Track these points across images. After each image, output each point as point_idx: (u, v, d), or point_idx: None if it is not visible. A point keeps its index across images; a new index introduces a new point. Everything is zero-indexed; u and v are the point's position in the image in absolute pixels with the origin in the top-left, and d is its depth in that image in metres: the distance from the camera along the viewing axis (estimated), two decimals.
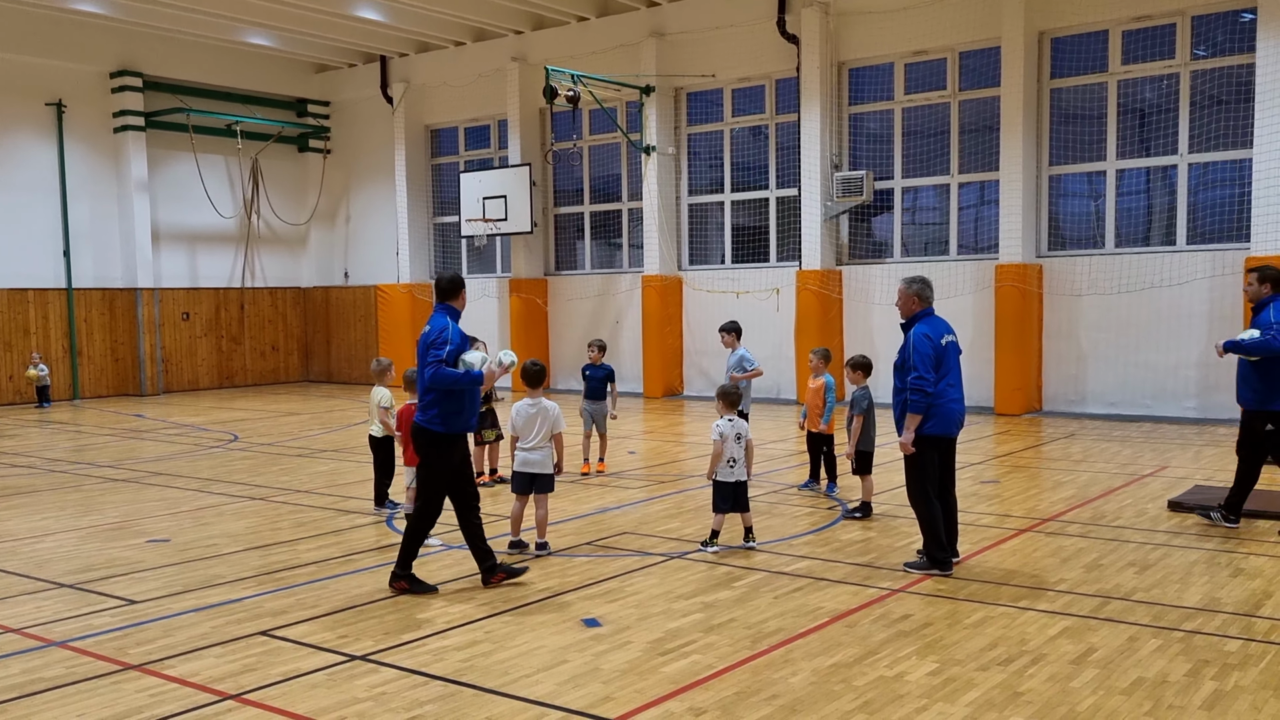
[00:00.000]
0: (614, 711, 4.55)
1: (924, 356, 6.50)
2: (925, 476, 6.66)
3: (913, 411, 6.51)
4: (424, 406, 6.41)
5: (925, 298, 6.74)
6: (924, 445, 6.59)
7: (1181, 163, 14.42)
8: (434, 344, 6.30)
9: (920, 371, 6.47)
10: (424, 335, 6.42)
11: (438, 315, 6.49)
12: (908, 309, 6.76)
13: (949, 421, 6.63)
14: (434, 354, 6.26)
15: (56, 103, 19.47)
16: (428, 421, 6.38)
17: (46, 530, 8.44)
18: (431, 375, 6.26)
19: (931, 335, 6.58)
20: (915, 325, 6.66)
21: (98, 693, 4.83)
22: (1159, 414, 14.43)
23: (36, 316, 19.47)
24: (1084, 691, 4.68)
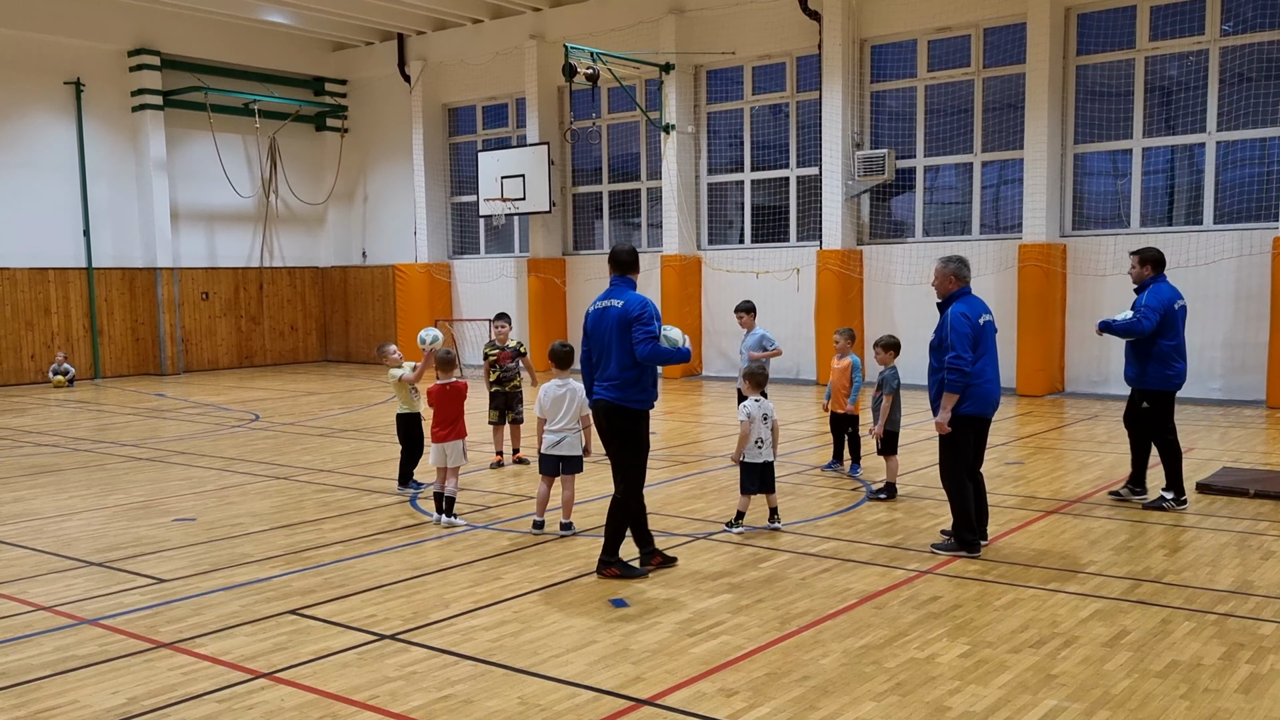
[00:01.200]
0: (645, 692, 4.54)
1: (962, 336, 6.45)
2: (959, 457, 6.61)
3: (950, 391, 6.46)
4: (621, 385, 6.14)
5: (963, 277, 6.68)
6: (960, 425, 6.55)
7: (1210, 141, 14.21)
8: (640, 320, 6.08)
9: (958, 351, 6.42)
10: (619, 310, 6.14)
11: (626, 290, 6.29)
12: (944, 288, 6.70)
13: (985, 402, 6.59)
14: (645, 330, 6.07)
15: (75, 81, 19.48)
16: (630, 400, 6.16)
17: (73, 509, 8.50)
18: (649, 352, 6.07)
19: (970, 314, 6.53)
20: (953, 304, 6.60)
21: (131, 670, 4.86)
22: (1183, 395, 14.18)
23: (57, 296, 19.57)
24: (1118, 674, 4.64)
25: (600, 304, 6.34)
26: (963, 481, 6.60)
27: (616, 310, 6.21)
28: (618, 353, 6.18)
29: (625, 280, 6.38)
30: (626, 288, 6.35)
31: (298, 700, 4.49)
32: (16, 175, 18.78)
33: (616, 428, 6.26)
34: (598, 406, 6.34)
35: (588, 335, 6.40)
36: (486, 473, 9.75)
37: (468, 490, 8.80)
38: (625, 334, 6.15)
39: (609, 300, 6.29)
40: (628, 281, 6.39)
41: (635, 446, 6.30)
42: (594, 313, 6.35)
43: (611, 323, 6.20)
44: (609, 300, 6.29)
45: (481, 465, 10.01)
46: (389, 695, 4.54)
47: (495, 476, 9.61)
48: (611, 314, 6.22)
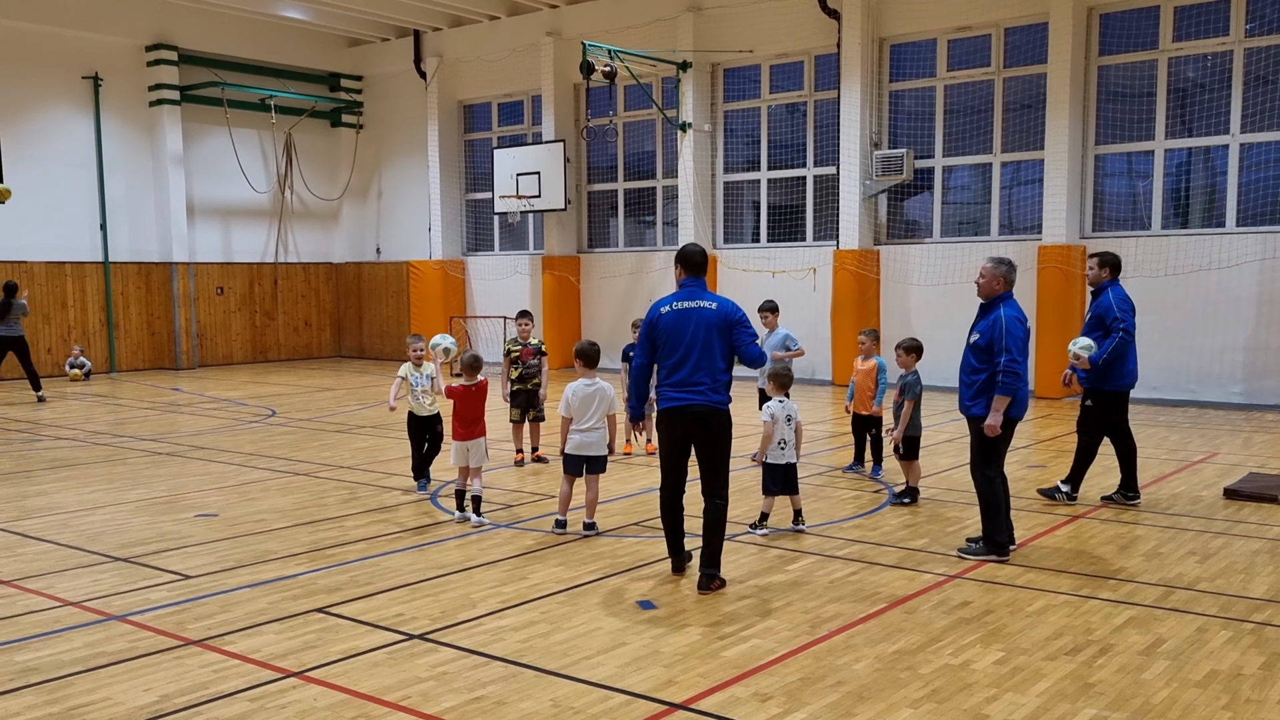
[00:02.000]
0: (678, 695, 4.51)
1: (1017, 339, 6.47)
2: (997, 459, 6.60)
3: (1003, 394, 6.45)
4: (717, 388, 5.98)
5: (1010, 280, 6.71)
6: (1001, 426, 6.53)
7: (1233, 143, 14.10)
8: (744, 323, 6.06)
9: (1014, 354, 6.43)
10: (716, 312, 5.98)
11: (709, 292, 6.16)
12: (991, 289, 6.67)
13: (1024, 404, 6.64)
14: (750, 332, 6.06)
15: (93, 76, 19.52)
16: (726, 402, 6.07)
17: (95, 503, 8.50)
18: (759, 353, 6.14)
19: (1022, 320, 6.58)
20: (1003, 307, 6.59)
21: (162, 667, 4.84)
22: (1204, 399, 14.20)
23: (74, 290, 19.62)
24: (1157, 683, 4.59)
25: (682, 304, 6.03)
26: (996, 482, 6.57)
27: (712, 312, 6.01)
28: (715, 355, 5.98)
29: (701, 281, 6.19)
30: (702, 288, 6.16)
31: (330, 700, 4.47)
32: (35, 169, 18.81)
33: (714, 432, 6.02)
34: (691, 412, 5.95)
35: (662, 337, 6.04)
36: (507, 471, 9.72)
37: (488, 489, 8.77)
38: (725, 336, 6.00)
39: (695, 301, 6.03)
40: (703, 283, 6.21)
41: (728, 448, 6.15)
42: (676, 314, 6.01)
43: (708, 324, 5.98)
44: (695, 301, 6.03)
45: (503, 463, 9.99)
46: (421, 696, 4.51)
47: (516, 475, 9.58)
48: (707, 315, 6.00)
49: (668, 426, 6.11)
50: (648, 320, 6.19)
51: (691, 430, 6.06)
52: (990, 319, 6.60)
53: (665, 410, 6.07)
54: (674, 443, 6.12)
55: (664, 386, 6.08)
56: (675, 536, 6.32)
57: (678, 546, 6.34)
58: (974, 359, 6.64)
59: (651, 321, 6.14)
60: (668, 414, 6.07)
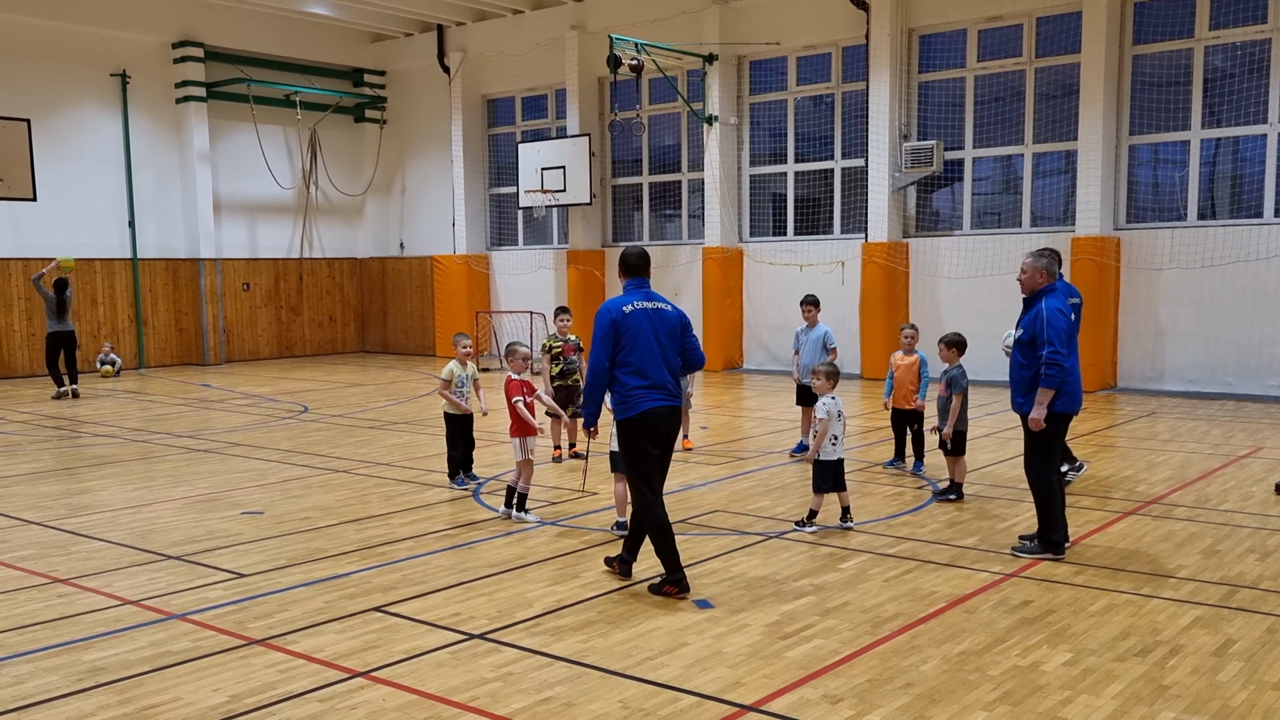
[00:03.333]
0: (747, 697, 4.48)
1: (1058, 331, 6.34)
2: (1050, 455, 6.51)
3: (1047, 387, 6.34)
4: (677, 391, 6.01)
5: (1054, 272, 6.57)
6: (1051, 422, 6.43)
7: (1271, 132, 13.93)
8: (689, 327, 6.12)
9: (1056, 346, 6.30)
10: (675, 314, 6.00)
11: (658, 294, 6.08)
12: (1034, 283, 6.57)
13: (1075, 398, 6.50)
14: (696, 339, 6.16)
15: (121, 73, 19.59)
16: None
17: (141, 501, 8.53)
18: (703, 359, 6.23)
19: (1064, 311, 6.44)
20: (1045, 299, 6.48)
21: (228, 667, 4.85)
22: (1241, 392, 14.06)
23: (103, 286, 19.73)
24: (1233, 686, 4.53)
25: (643, 305, 5.92)
26: (1051, 480, 6.49)
27: (671, 314, 6.00)
28: (673, 357, 5.98)
29: (646, 282, 6.10)
30: (649, 290, 6.08)
31: (399, 700, 4.47)
32: (64, 167, 18.91)
33: (676, 430, 6.08)
34: (667, 413, 5.85)
35: (628, 337, 5.84)
36: (546, 467, 9.71)
37: (532, 485, 8.75)
38: (683, 338, 6.03)
39: (654, 303, 5.97)
40: (649, 284, 6.13)
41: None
42: (639, 314, 5.87)
43: (669, 327, 5.94)
44: (654, 303, 5.97)
45: (542, 460, 9.96)
46: (489, 697, 4.50)
47: (556, 472, 9.58)
48: (668, 318, 5.96)
49: (650, 430, 5.83)
50: (609, 320, 5.86)
51: (672, 431, 5.97)
52: (1032, 313, 6.52)
53: (647, 413, 5.80)
54: (657, 446, 5.89)
55: (636, 390, 5.82)
56: (673, 552, 5.86)
57: (676, 562, 5.86)
58: (1020, 355, 6.56)
59: (615, 321, 5.85)
60: (650, 417, 5.81)
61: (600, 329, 5.89)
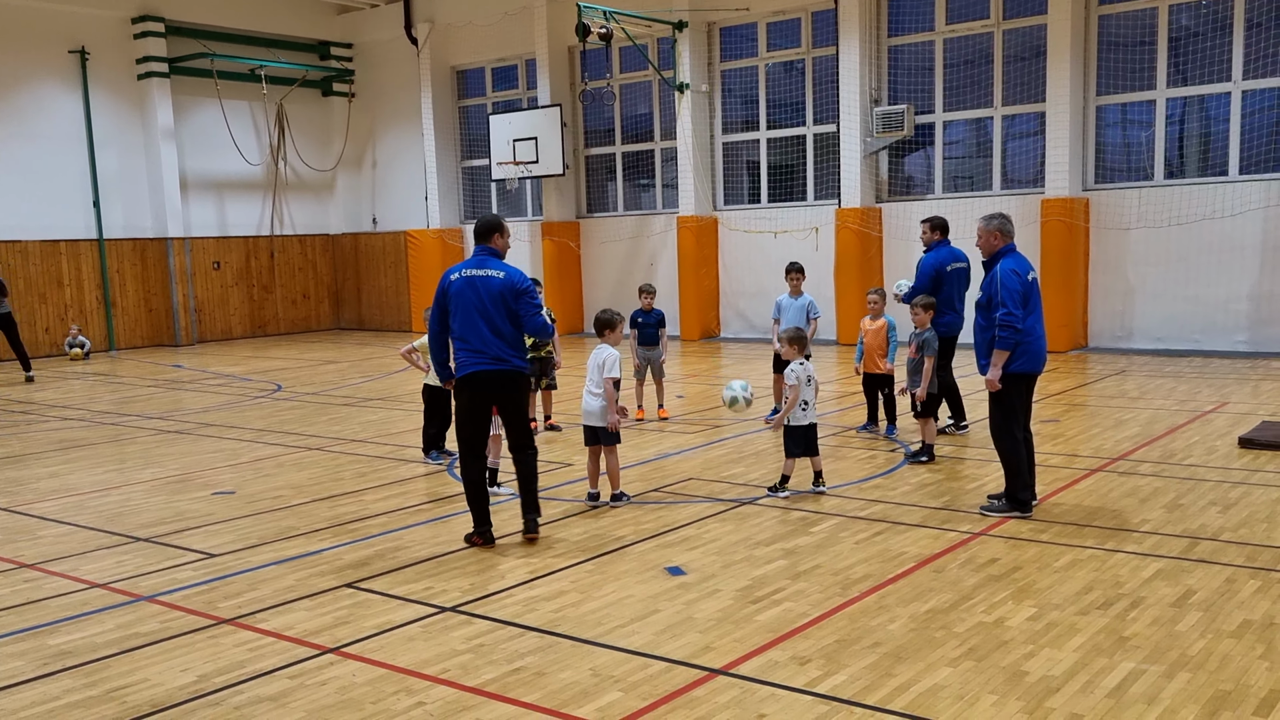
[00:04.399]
0: (717, 661, 4.52)
1: (1012, 292, 6.39)
2: (1012, 415, 6.58)
3: (1001, 348, 6.41)
4: (514, 353, 6.23)
5: (1007, 232, 6.64)
6: (1011, 383, 6.51)
7: (1235, 90, 13.99)
8: (530, 293, 6.24)
9: (1009, 307, 6.36)
10: (501, 281, 6.17)
11: (499, 260, 6.32)
12: (990, 246, 6.64)
13: (1036, 358, 6.57)
14: (536, 303, 6.27)
15: (79, 50, 19.21)
16: (524, 366, 6.32)
17: (110, 483, 8.47)
18: (540, 326, 6.32)
19: (1019, 271, 6.49)
20: (1001, 261, 6.53)
21: (196, 647, 4.84)
22: (1208, 348, 14.22)
23: (69, 268, 19.45)
24: (1191, 635, 4.61)
25: (471, 272, 6.19)
26: (1017, 439, 6.56)
27: (499, 280, 6.18)
28: (503, 322, 6.15)
29: (489, 249, 6.34)
30: (495, 256, 6.33)
31: (369, 675, 4.48)
32: (24, 147, 18.58)
33: (515, 393, 6.31)
34: (486, 378, 6.16)
35: (453, 304, 6.18)
36: None
37: (505, 458, 8.74)
38: (510, 304, 6.16)
39: (484, 270, 6.20)
40: (491, 250, 6.34)
41: (526, 405, 6.45)
42: (464, 281, 6.17)
43: (494, 292, 6.14)
44: (484, 270, 6.20)
45: None
46: (460, 668, 4.52)
47: None
48: (493, 283, 6.17)
49: (463, 392, 6.23)
50: (439, 288, 6.28)
51: (491, 395, 6.26)
52: (989, 275, 6.57)
53: (466, 378, 6.19)
54: (471, 408, 6.25)
55: (459, 355, 6.21)
56: (483, 505, 6.33)
57: (485, 515, 6.33)
58: (980, 318, 6.62)
59: (443, 289, 6.24)
60: (464, 380, 6.21)
61: (435, 299, 6.35)
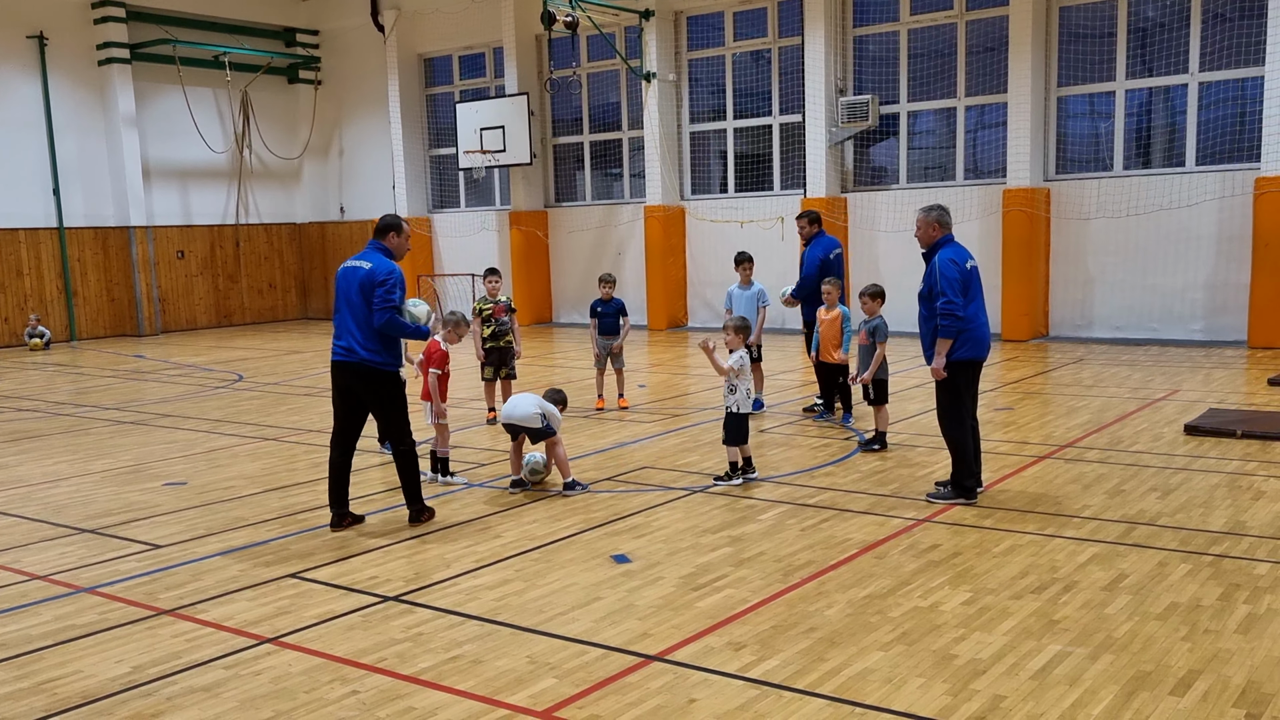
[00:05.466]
0: (653, 648, 4.55)
1: (951, 281, 6.46)
2: (959, 402, 6.65)
3: (944, 337, 6.48)
4: (370, 347, 6.25)
5: (945, 224, 6.70)
6: (957, 370, 6.57)
7: (1192, 82, 14.15)
8: (384, 286, 6.18)
9: (950, 296, 6.43)
10: (365, 273, 6.22)
11: (378, 255, 6.35)
12: (928, 237, 6.70)
13: (979, 345, 6.64)
14: (387, 298, 6.17)
15: (38, 35, 18.93)
16: (385, 363, 6.34)
17: (60, 475, 8.40)
18: (386, 322, 6.18)
19: (957, 260, 6.55)
20: (939, 251, 6.59)
21: (133, 638, 4.82)
22: (1166, 337, 14.41)
23: (29, 257, 19.20)
24: (1119, 618, 4.70)
25: (349, 263, 6.40)
26: (964, 426, 6.63)
27: (363, 272, 6.26)
28: (362, 313, 6.21)
29: (378, 245, 6.42)
30: (378, 252, 6.39)
31: (305, 664, 4.48)
32: None
33: (372, 387, 6.36)
34: (344, 367, 6.33)
35: (336, 293, 6.43)
36: (480, 430, 9.71)
37: (462, 447, 8.77)
38: (368, 297, 6.19)
39: (357, 261, 6.35)
40: (381, 246, 6.41)
41: (396, 403, 6.46)
42: (341, 272, 6.38)
43: (357, 283, 6.23)
44: (357, 261, 6.35)
45: (475, 422, 9.97)
46: (397, 657, 4.53)
47: (489, 434, 9.57)
48: (358, 274, 6.26)
49: (332, 382, 6.48)
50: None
51: (351, 384, 6.39)
52: (929, 266, 6.64)
53: (331, 366, 6.47)
54: (335, 393, 6.51)
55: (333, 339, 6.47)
56: (337, 488, 6.49)
57: (338, 498, 6.50)
58: (923, 309, 6.69)
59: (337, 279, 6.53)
60: (332, 370, 6.47)
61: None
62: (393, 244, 6.45)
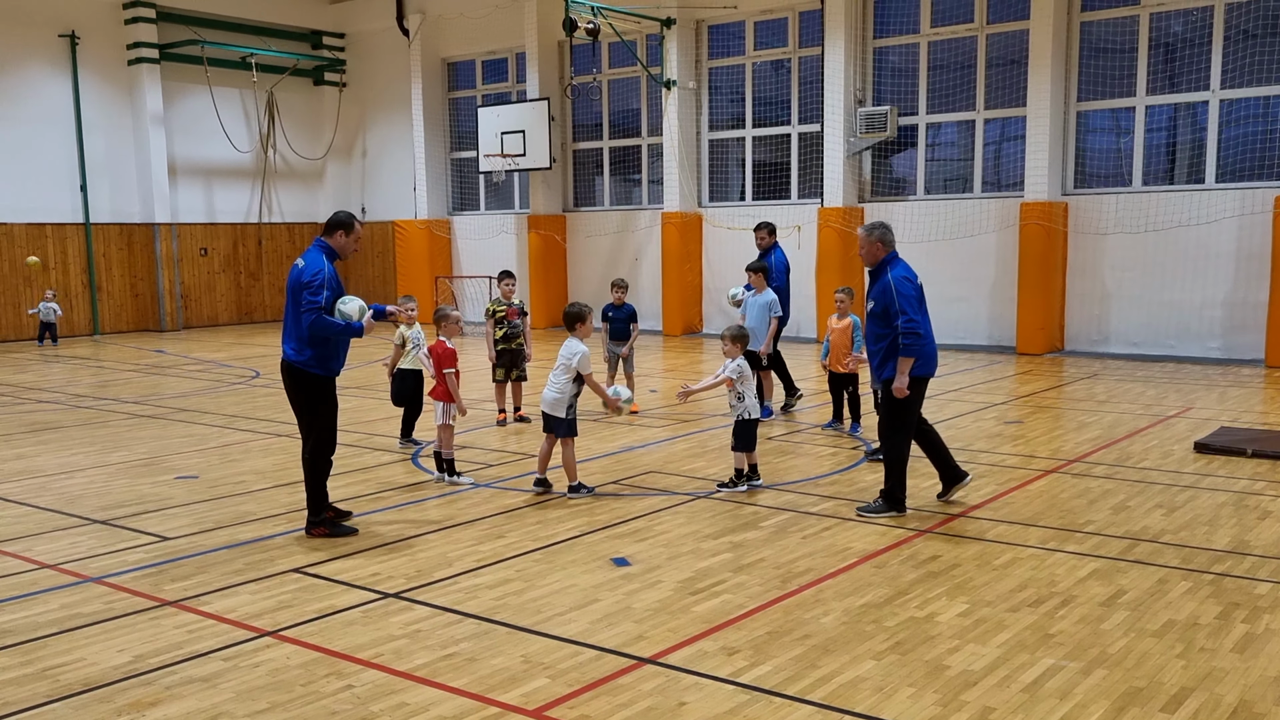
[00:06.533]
0: (647, 650, 4.59)
1: (909, 299, 6.48)
2: (909, 419, 6.66)
3: (906, 355, 6.48)
4: (300, 349, 6.15)
5: (888, 242, 6.71)
6: (910, 386, 6.57)
7: (1213, 99, 14.06)
8: (309, 287, 6.03)
9: (910, 314, 6.44)
10: (296, 271, 6.15)
11: (314, 253, 6.23)
12: (874, 256, 6.70)
13: (932, 361, 6.66)
14: (310, 299, 6.02)
15: (70, 34, 19.23)
16: (307, 365, 6.19)
17: (76, 466, 8.53)
18: (311, 323, 6.03)
19: (911, 278, 6.58)
20: (889, 269, 6.60)
21: (136, 628, 4.90)
22: (1182, 354, 14.31)
23: (55, 251, 19.48)
24: (1115, 633, 4.69)
25: (297, 261, 6.34)
26: (907, 441, 6.65)
27: (296, 271, 6.20)
28: (295, 313, 6.13)
29: (322, 243, 6.30)
30: (318, 250, 6.25)
31: (303, 658, 4.54)
32: (12, 130, 18.61)
33: (292, 387, 6.33)
34: (282, 367, 6.35)
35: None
36: (490, 430, 9.78)
37: (471, 448, 8.84)
38: (297, 299, 6.09)
39: (300, 259, 6.29)
40: (324, 244, 6.29)
41: (314, 410, 6.33)
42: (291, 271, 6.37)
43: (290, 284, 6.21)
44: (300, 259, 6.29)
45: (485, 423, 10.04)
46: (393, 653, 4.58)
47: (498, 434, 9.64)
48: (292, 274, 6.22)
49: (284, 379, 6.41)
50: None
51: (284, 382, 6.39)
52: (880, 285, 6.62)
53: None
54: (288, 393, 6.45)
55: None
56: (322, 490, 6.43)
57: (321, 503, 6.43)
58: (875, 327, 6.68)
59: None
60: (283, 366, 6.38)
61: None
62: (339, 243, 6.29)
